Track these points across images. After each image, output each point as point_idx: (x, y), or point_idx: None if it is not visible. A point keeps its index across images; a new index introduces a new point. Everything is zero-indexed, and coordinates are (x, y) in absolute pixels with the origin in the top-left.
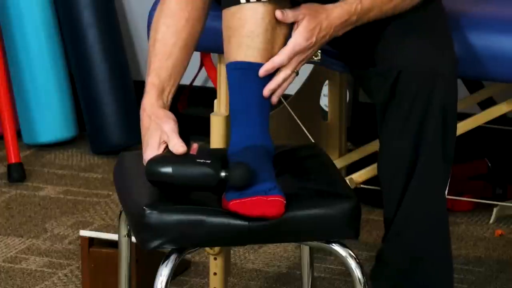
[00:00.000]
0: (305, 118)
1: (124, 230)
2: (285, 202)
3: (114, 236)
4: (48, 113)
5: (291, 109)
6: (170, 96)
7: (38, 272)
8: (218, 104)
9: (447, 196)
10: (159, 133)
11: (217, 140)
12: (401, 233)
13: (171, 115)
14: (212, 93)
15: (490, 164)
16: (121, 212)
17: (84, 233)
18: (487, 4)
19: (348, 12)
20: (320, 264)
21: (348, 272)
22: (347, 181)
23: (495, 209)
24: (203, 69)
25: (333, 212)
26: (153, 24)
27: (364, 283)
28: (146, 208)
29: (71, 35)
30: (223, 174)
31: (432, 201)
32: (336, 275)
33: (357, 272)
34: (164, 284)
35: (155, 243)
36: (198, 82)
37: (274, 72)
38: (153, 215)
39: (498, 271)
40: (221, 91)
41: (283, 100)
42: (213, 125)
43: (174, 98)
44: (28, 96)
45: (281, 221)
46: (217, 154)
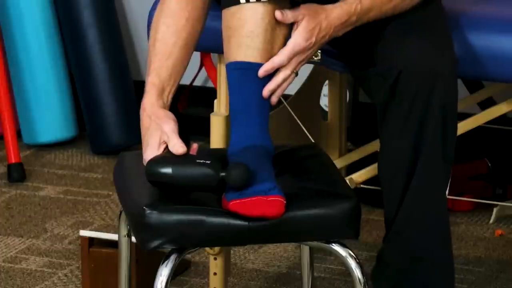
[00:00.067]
0: (305, 118)
1: (124, 230)
2: (285, 202)
3: (114, 236)
4: (48, 113)
5: (291, 109)
6: (170, 96)
7: (38, 272)
8: (218, 104)
9: (447, 196)
10: (159, 133)
11: (217, 140)
12: (402, 233)
13: (171, 115)
14: (212, 93)
15: (490, 164)
16: (121, 212)
17: (84, 233)
18: (487, 4)
19: (348, 13)
20: (320, 264)
21: (348, 272)
22: (347, 181)
23: (495, 209)
24: (203, 69)
25: (333, 212)
26: (153, 23)
27: (364, 283)
28: (146, 208)
29: (71, 35)
30: (222, 174)
31: (432, 201)
32: (336, 275)
33: (357, 272)
34: (164, 284)
35: (155, 243)
36: (198, 82)
37: (273, 72)
38: (153, 215)
39: (498, 271)
40: (221, 91)
41: (283, 100)
42: (213, 125)
43: (174, 98)
44: (28, 96)
45: (281, 221)
46: (217, 155)
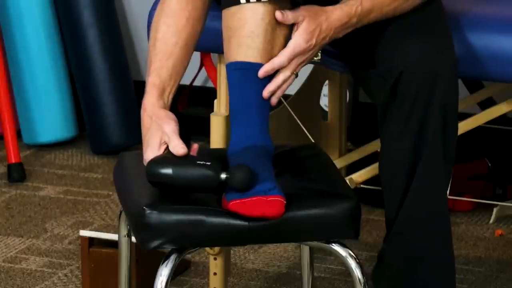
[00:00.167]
0: (305, 118)
1: (124, 230)
2: (285, 202)
3: (114, 236)
4: (48, 113)
5: (291, 109)
6: (171, 96)
7: (38, 272)
8: (218, 104)
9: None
10: (160, 133)
11: (217, 140)
12: (403, 233)
13: (172, 116)
14: (212, 93)
15: (490, 164)
16: (121, 212)
17: (84, 233)
18: (487, 4)
19: (348, 14)
20: (320, 264)
21: (348, 272)
22: (347, 181)
23: (495, 209)
24: (203, 69)
25: (333, 212)
26: (153, 23)
27: (364, 283)
28: (146, 208)
29: (71, 35)
30: (224, 176)
31: (433, 201)
32: (336, 275)
33: (357, 272)
34: (164, 284)
35: (155, 243)
36: (198, 82)
37: (274, 73)
38: (153, 215)
39: (498, 271)
40: (221, 91)
41: (283, 100)
42: (213, 125)
43: (174, 98)
44: (28, 96)
45: (281, 221)
46: (217, 155)
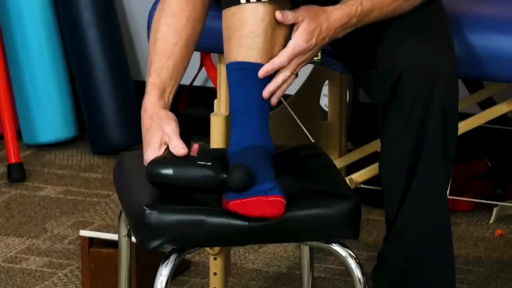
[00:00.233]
0: (305, 118)
1: (124, 230)
2: (285, 202)
3: (114, 236)
4: (48, 113)
5: (291, 109)
6: (171, 96)
7: (38, 272)
8: (218, 104)
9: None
10: (160, 134)
11: (217, 140)
12: (403, 233)
13: (173, 116)
14: (212, 93)
15: (490, 164)
16: (121, 212)
17: (84, 233)
18: (487, 4)
19: (348, 14)
20: (320, 264)
21: (348, 272)
22: (347, 181)
23: (495, 209)
24: (203, 69)
25: (333, 212)
26: (153, 23)
27: (364, 283)
28: (146, 208)
29: (71, 35)
30: (223, 176)
31: (433, 202)
32: (336, 275)
33: (357, 272)
34: (164, 284)
35: (155, 243)
36: (198, 82)
37: (274, 73)
38: (153, 215)
39: (498, 271)
40: (221, 91)
41: (283, 100)
42: (213, 125)
43: (174, 98)
44: (28, 96)
45: (281, 221)
46: (218, 156)
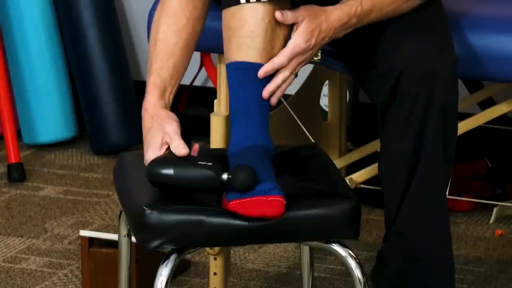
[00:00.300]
0: (305, 118)
1: (124, 230)
2: (285, 202)
3: (114, 236)
4: (48, 113)
5: (291, 109)
6: (172, 96)
7: (38, 272)
8: (218, 104)
9: (447, 196)
10: (161, 134)
11: (217, 140)
12: (402, 233)
13: (174, 116)
14: (212, 93)
15: (490, 164)
16: (121, 212)
17: (84, 233)
18: (487, 4)
19: (348, 15)
20: (320, 264)
21: (348, 272)
22: (347, 181)
23: (495, 209)
24: (203, 69)
25: (333, 212)
26: (153, 23)
27: (364, 283)
28: (146, 208)
29: (71, 35)
30: (225, 176)
31: (433, 202)
32: (336, 275)
33: (357, 272)
34: (164, 284)
35: (155, 243)
36: (198, 82)
37: (274, 73)
38: (153, 215)
39: (498, 271)
40: (221, 91)
41: (283, 100)
42: (213, 125)
43: (174, 98)
44: (28, 96)
45: (281, 221)
46: (218, 156)
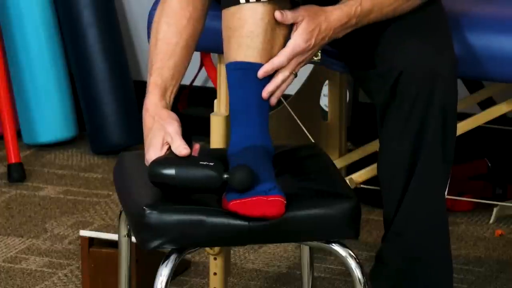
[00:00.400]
0: (305, 118)
1: (124, 230)
2: (285, 202)
3: (114, 236)
4: (48, 113)
5: (291, 109)
6: (173, 96)
7: (38, 272)
8: (218, 104)
9: (447, 196)
10: (163, 134)
11: (217, 140)
12: (401, 233)
13: (175, 116)
14: (212, 93)
15: (490, 164)
16: (121, 212)
17: (84, 233)
18: (487, 4)
19: (348, 15)
20: (320, 264)
21: (348, 272)
22: (347, 181)
23: (495, 209)
24: (203, 69)
25: (333, 212)
26: (154, 23)
27: (364, 283)
28: (146, 208)
29: (71, 35)
30: (226, 176)
31: (431, 202)
32: (336, 275)
33: (357, 272)
34: (164, 284)
35: (155, 243)
36: (198, 82)
37: (273, 73)
38: (153, 215)
39: (498, 271)
40: (221, 91)
41: (283, 100)
42: (213, 125)
43: (174, 98)
44: (28, 96)
45: (281, 221)
46: (218, 156)
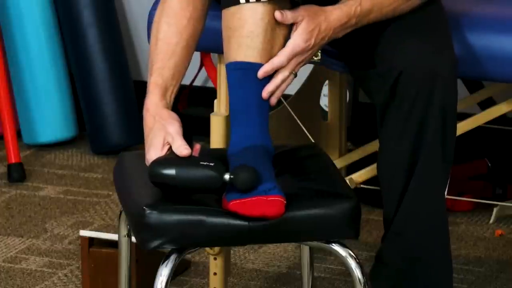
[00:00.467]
0: (305, 118)
1: (124, 230)
2: (285, 202)
3: (114, 236)
4: (48, 113)
5: (291, 109)
6: (173, 96)
7: (38, 272)
8: (218, 104)
9: (447, 196)
10: (163, 134)
11: (217, 140)
12: (401, 233)
13: (176, 116)
14: (212, 93)
15: (490, 164)
16: (121, 212)
17: (84, 233)
18: (487, 4)
19: (348, 15)
20: (320, 264)
21: (348, 272)
22: (347, 181)
23: (495, 209)
24: (203, 69)
25: (333, 212)
26: (154, 23)
27: (364, 283)
28: (146, 208)
29: (71, 35)
30: (227, 176)
31: (431, 202)
32: (336, 275)
33: (357, 272)
34: (164, 284)
35: (155, 243)
36: (198, 82)
37: (273, 73)
38: (153, 215)
39: (498, 271)
40: (221, 91)
41: (283, 100)
42: (213, 125)
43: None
44: (28, 96)
45: (281, 221)
46: (218, 156)
